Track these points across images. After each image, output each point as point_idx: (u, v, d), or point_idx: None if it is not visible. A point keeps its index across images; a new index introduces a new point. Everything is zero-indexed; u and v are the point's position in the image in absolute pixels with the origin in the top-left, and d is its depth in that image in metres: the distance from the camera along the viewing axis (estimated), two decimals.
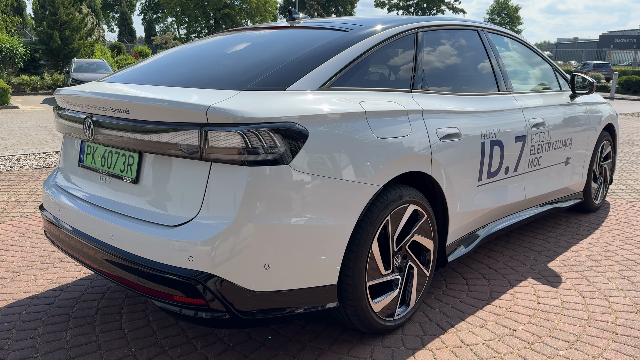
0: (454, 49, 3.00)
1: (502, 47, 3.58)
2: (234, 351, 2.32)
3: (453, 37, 3.03)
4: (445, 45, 2.95)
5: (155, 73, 2.46)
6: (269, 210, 1.90)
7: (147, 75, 2.44)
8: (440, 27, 2.94)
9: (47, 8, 22.27)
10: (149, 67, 2.58)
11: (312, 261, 2.05)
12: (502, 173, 3.06)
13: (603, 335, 2.48)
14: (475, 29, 3.21)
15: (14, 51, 19.63)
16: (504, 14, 67.48)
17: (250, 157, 1.85)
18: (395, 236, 2.40)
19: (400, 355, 2.31)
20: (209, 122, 1.84)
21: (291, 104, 1.99)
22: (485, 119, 2.89)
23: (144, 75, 2.46)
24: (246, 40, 2.69)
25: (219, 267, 1.84)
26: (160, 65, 2.57)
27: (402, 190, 2.38)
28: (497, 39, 3.47)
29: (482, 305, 2.78)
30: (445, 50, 2.93)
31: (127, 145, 2.08)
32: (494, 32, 3.43)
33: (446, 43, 2.96)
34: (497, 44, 3.49)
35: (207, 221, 1.87)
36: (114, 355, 2.28)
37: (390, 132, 2.28)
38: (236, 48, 2.59)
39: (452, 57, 2.97)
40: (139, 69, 2.59)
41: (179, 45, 2.67)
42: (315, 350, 2.33)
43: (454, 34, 3.05)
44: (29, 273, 3.14)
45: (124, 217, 2.08)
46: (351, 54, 2.35)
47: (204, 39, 2.95)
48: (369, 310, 2.29)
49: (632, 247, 3.64)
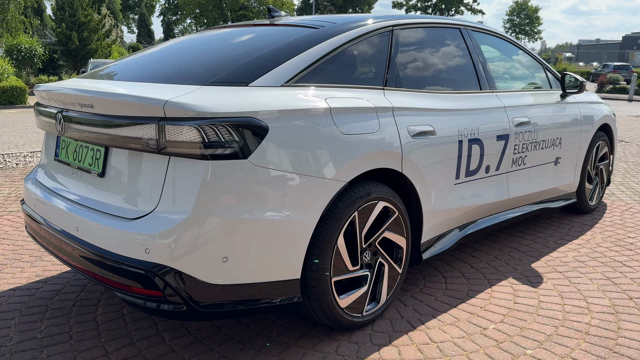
0: (432, 47, 3.00)
1: (488, 46, 3.56)
2: (201, 344, 2.35)
3: (432, 35, 3.03)
4: (423, 43, 2.95)
5: (130, 69, 2.51)
6: (226, 205, 1.93)
7: (121, 72, 2.49)
8: (419, 25, 2.94)
9: (66, 10, 22.69)
10: (125, 64, 2.63)
11: (273, 256, 2.07)
12: (483, 172, 3.05)
13: (575, 336, 2.45)
14: (457, 27, 3.19)
15: (33, 52, 20.03)
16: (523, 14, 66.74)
17: (207, 152, 1.88)
18: (363, 232, 2.41)
19: (365, 351, 2.31)
20: (166, 116, 1.88)
21: (251, 99, 2.02)
22: (463, 117, 2.88)
23: (120, 72, 2.50)
24: (220, 38, 2.72)
25: (174, 259, 1.87)
26: (136, 62, 2.61)
27: (370, 187, 2.39)
28: (483, 38, 3.45)
29: (456, 304, 2.77)
30: (422, 48, 2.93)
31: (93, 139, 2.13)
32: (480, 31, 3.42)
33: (424, 41, 2.96)
34: (484, 43, 3.47)
35: (164, 214, 1.90)
36: (84, 345, 2.33)
37: (357, 128, 2.29)
38: (208, 45, 2.63)
39: (429, 55, 2.96)
40: (117, 66, 2.64)
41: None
42: (281, 345, 2.35)
43: (433, 32, 3.04)
44: (16, 265, 3.21)
45: (89, 210, 2.12)
46: (320, 50, 2.37)
47: (183, 37, 2.99)
48: (334, 305, 2.30)
49: (621, 249, 3.59)
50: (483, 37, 3.47)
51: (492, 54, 3.57)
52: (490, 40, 3.57)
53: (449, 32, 3.14)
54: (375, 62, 2.61)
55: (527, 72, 3.88)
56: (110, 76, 2.42)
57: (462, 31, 3.20)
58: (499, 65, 3.62)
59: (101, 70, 2.62)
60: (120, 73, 2.45)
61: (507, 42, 3.70)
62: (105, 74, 2.49)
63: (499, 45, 3.67)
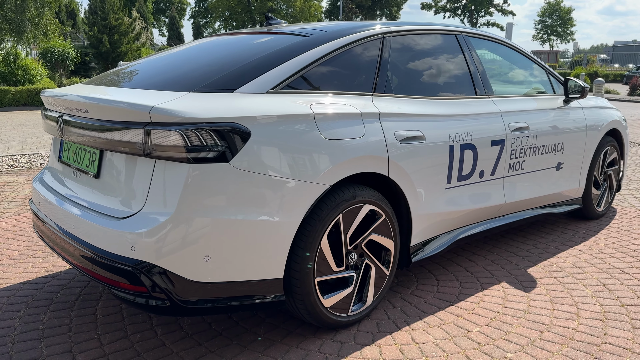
0: (425, 53, 3.04)
1: (489, 52, 3.59)
2: (191, 339, 2.46)
3: (426, 42, 3.08)
4: (416, 50, 3.00)
5: (128, 77, 2.64)
6: (208, 206, 2.03)
7: (121, 78, 2.62)
8: (412, 32, 2.99)
9: (98, 13, 23.31)
10: (126, 71, 2.76)
11: (255, 255, 2.16)
12: (476, 176, 3.08)
13: (558, 341, 2.47)
14: (453, 33, 3.23)
15: (66, 54, 20.64)
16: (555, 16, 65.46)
17: (190, 155, 1.98)
18: (348, 235, 2.47)
19: (347, 350, 2.38)
20: (152, 121, 1.99)
21: (235, 105, 2.11)
22: (455, 123, 2.92)
23: (119, 78, 2.63)
24: (213, 46, 2.83)
25: (157, 257, 1.98)
26: (135, 70, 2.74)
27: (356, 190, 2.46)
28: (483, 44, 3.48)
29: (445, 307, 2.81)
30: (415, 55, 2.98)
31: (89, 142, 2.26)
32: (479, 37, 3.44)
33: (417, 48, 3.01)
34: (484, 49, 3.50)
35: (149, 214, 2.01)
36: (81, 337, 2.46)
37: (341, 133, 2.36)
38: (201, 53, 2.74)
39: (422, 61, 3.01)
40: (118, 73, 2.77)
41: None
42: (267, 342, 2.44)
43: (427, 39, 3.09)
44: (29, 261, 3.38)
45: (85, 209, 2.25)
46: (307, 58, 2.45)
47: (181, 45, 3.11)
48: (317, 304, 2.38)
49: (622, 256, 3.56)
50: (482, 43, 3.50)
51: (492, 59, 3.59)
52: (491, 46, 3.59)
53: (444, 38, 3.18)
54: (364, 68, 2.68)
55: (529, 77, 3.89)
56: (110, 82, 2.55)
57: (458, 37, 3.24)
58: (498, 71, 3.64)
59: (105, 77, 2.76)
60: (119, 80, 2.58)
61: (508, 47, 3.71)
62: (107, 81, 2.62)
63: (499, 51, 3.69)
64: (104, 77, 2.72)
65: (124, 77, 2.60)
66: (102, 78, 2.71)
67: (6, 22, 14.83)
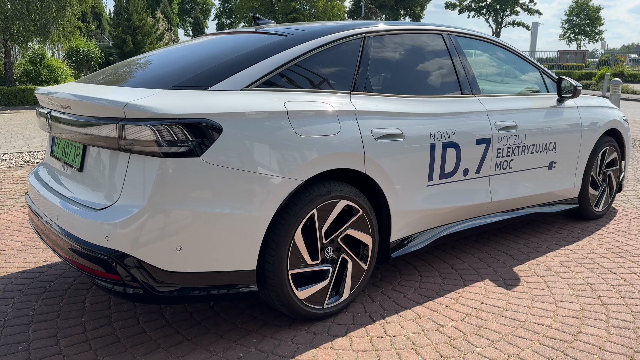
0: (408, 53, 3.08)
1: (479, 51, 3.61)
2: (170, 327, 2.56)
3: (410, 41, 3.12)
4: (399, 49, 3.04)
5: (114, 75, 2.74)
6: (179, 198, 2.12)
7: (107, 77, 2.73)
8: (396, 32, 3.03)
9: (123, 14, 23.80)
10: (112, 69, 2.87)
11: (227, 247, 2.24)
12: (460, 174, 3.11)
13: (530, 337, 2.49)
14: (439, 33, 3.26)
15: (91, 54, 21.13)
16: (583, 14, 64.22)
17: (161, 149, 2.08)
18: (323, 229, 2.54)
19: (319, 341, 2.45)
20: (126, 117, 2.09)
21: (207, 102, 2.20)
22: (437, 121, 2.96)
23: (106, 77, 2.74)
24: (199, 45, 2.93)
25: (130, 246, 2.08)
26: (120, 68, 2.85)
27: (331, 186, 2.52)
28: (472, 44, 3.51)
29: (423, 302, 2.85)
30: (397, 54, 3.02)
31: (73, 137, 2.37)
32: (468, 37, 3.47)
33: (400, 47, 3.05)
34: (473, 48, 3.53)
35: (123, 206, 2.11)
36: (67, 323, 2.58)
37: (315, 130, 2.43)
38: (185, 52, 2.84)
39: (404, 61, 3.05)
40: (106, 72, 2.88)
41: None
42: (243, 332, 2.52)
43: (411, 38, 3.13)
44: (30, 251, 3.53)
45: (68, 201, 2.37)
46: (284, 57, 2.52)
47: (169, 46, 3.22)
48: (291, 296, 2.45)
49: (613, 256, 3.54)
50: (472, 43, 3.52)
51: (482, 59, 3.61)
52: (481, 45, 3.61)
53: (429, 38, 3.21)
54: (343, 67, 2.73)
55: (521, 76, 3.89)
56: (97, 81, 2.66)
57: (444, 37, 3.27)
58: (488, 71, 3.65)
59: (96, 75, 2.87)
60: (107, 78, 2.69)
61: (500, 47, 3.72)
62: (96, 79, 2.73)
63: (490, 51, 3.70)
64: (95, 75, 2.84)
65: (111, 76, 2.70)
66: (93, 76, 2.83)
67: (32, 24, 15.25)
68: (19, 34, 15.64)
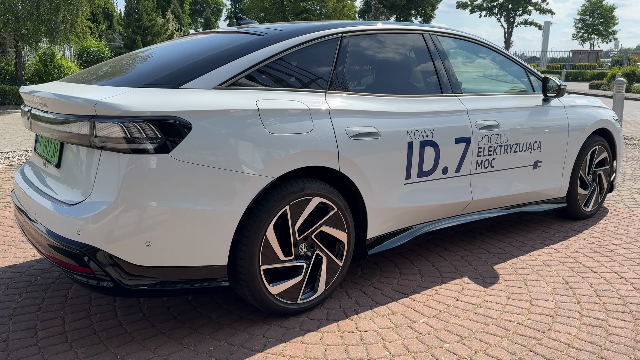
0: (387, 53, 3.12)
1: (462, 51, 3.63)
2: (146, 320, 2.61)
3: (389, 41, 3.15)
4: (377, 49, 3.07)
5: (96, 74, 2.80)
6: (148, 194, 2.17)
7: (89, 76, 2.79)
8: (374, 32, 3.07)
9: (133, 15, 24.05)
10: (95, 69, 2.93)
11: (197, 242, 2.29)
12: (439, 173, 3.13)
13: (500, 334, 2.52)
14: (420, 32, 3.29)
15: (101, 55, 21.37)
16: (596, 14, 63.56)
17: (130, 146, 2.13)
18: (296, 226, 2.58)
19: (290, 335, 2.49)
20: (97, 115, 2.15)
21: (177, 100, 2.25)
22: (414, 120, 2.98)
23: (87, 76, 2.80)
24: (178, 44, 2.98)
25: (99, 240, 2.14)
26: (104, 68, 2.91)
27: (304, 183, 2.56)
28: (454, 44, 3.53)
29: (399, 298, 2.88)
30: (374, 54, 3.05)
31: (51, 135, 2.44)
32: (451, 36, 3.49)
33: (379, 47, 3.08)
34: (456, 48, 3.55)
35: (94, 202, 2.17)
36: (47, 316, 2.65)
37: (287, 128, 2.47)
38: (161, 52, 2.90)
39: (382, 61, 3.09)
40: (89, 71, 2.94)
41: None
42: (217, 325, 2.57)
43: (390, 38, 3.16)
44: (21, 247, 3.62)
45: (46, 196, 2.43)
46: (258, 56, 2.57)
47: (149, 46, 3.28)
48: (263, 291, 2.50)
49: (597, 255, 3.54)
50: (455, 43, 3.54)
51: (465, 58, 3.63)
52: (465, 45, 3.63)
53: (408, 38, 3.24)
54: (319, 67, 2.77)
55: (506, 76, 3.90)
56: (77, 80, 2.72)
57: (425, 37, 3.30)
58: (472, 70, 3.67)
59: (78, 75, 2.93)
60: (86, 77, 2.75)
61: (485, 47, 3.73)
62: (77, 78, 2.80)
63: (475, 51, 3.72)
64: (78, 74, 2.91)
65: (91, 75, 2.76)
66: (76, 76, 2.89)
67: (42, 24, 15.46)
68: (29, 34, 15.87)
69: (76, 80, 2.74)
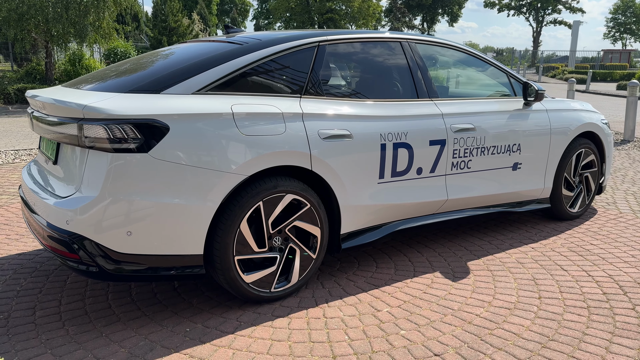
0: (363, 60, 3.31)
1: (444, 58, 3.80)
2: (134, 304, 2.88)
3: (366, 49, 3.34)
4: (353, 57, 3.28)
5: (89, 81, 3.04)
6: (128, 189, 2.43)
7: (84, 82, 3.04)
8: (351, 40, 3.27)
9: (159, 16, 24.65)
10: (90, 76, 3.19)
11: (174, 233, 2.54)
12: (413, 173, 3.31)
13: (455, 323, 2.70)
14: (397, 40, 3.47)
15: (128, 55, 22.01)
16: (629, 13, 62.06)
17: (114, 146, 2.39)
18: (270, 220, 2.81)
19: (262, 320, 2.72)
20: (84, 118, 2.41)
21: (157, 104, 2.50)
22: (388, 123, 3.17)
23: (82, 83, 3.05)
24: (166, 52, 3.25)
25: (85, 229, 2.40)
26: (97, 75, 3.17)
27: (278, 181, 2.79)
28: (433, 51, 3.71)
29: (369, 289, 3.08)
30: (351, 61, 3.26)
31: (49, 135, 2.72)
32: (429, 44, 3.67)
33: (355, 55, 3.29)
34: (435, 55, 3.73)
35: (81, 195, 2.44)
36: (46, 298, 2.94)
37: (259, 130, 2.70)
38: (148, 60, 3.16)
39: (357, 67, 3.29)
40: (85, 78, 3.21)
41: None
42: (196, 310, 2.82)
43: (367, 46, 3.36)
44: (31, 237, 3.93)
45: (45, 190, 2.72)
46: (236, 64, 2.80)
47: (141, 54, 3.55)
48: (237, 280, 2.73)
49: (571, 254, 3.67)
50: (434, 50, 3.72)
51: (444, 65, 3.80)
52: (445, 52, 3.81)
53: (385, 46, 3.43)
54: (295, 74, 2.99)
55: (489, 81, 4.05)
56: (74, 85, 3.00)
57: (403, 44, 3.48)
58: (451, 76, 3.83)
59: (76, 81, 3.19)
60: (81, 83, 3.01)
61: (465, 53, 3.89)
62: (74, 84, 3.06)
63: (454, 57, 3.88)
64: (76, 81, 3.19)
65: (86, 81, 3.04)
66: (74, 82, 3.17)
67: (71, 26, 16.07)
68: (59, 36, 16.50)
69: (73, 85, 3.02)
